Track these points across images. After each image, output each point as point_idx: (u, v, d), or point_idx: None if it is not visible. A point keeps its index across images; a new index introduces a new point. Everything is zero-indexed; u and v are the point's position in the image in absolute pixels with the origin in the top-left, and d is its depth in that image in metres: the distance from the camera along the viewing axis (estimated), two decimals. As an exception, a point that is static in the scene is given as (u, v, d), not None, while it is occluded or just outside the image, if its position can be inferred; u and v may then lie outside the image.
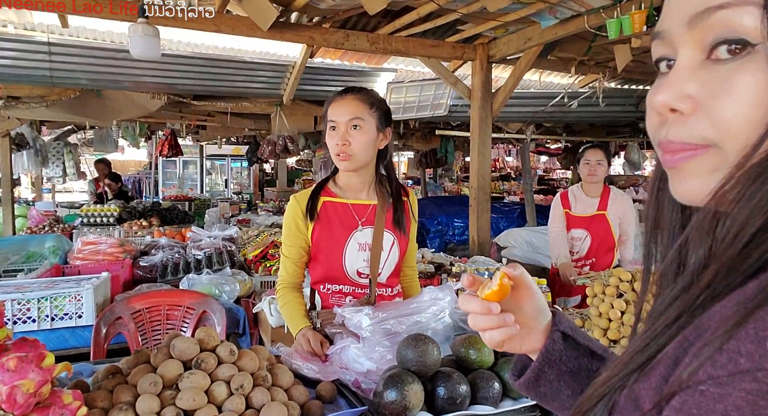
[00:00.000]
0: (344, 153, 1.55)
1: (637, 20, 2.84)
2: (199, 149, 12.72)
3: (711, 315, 0.37)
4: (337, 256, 1.62)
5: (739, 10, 0.37)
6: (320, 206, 1.64)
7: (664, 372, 0.38)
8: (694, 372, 0.34)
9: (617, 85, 5.85)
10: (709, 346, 0.34)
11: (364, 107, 1.58)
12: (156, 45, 2.60)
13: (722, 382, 0.33)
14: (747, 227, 0.37)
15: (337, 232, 1.62)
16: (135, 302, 2.34)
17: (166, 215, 5.42)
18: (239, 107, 5.41)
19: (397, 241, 1.68)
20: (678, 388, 0.35)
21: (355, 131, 1.55)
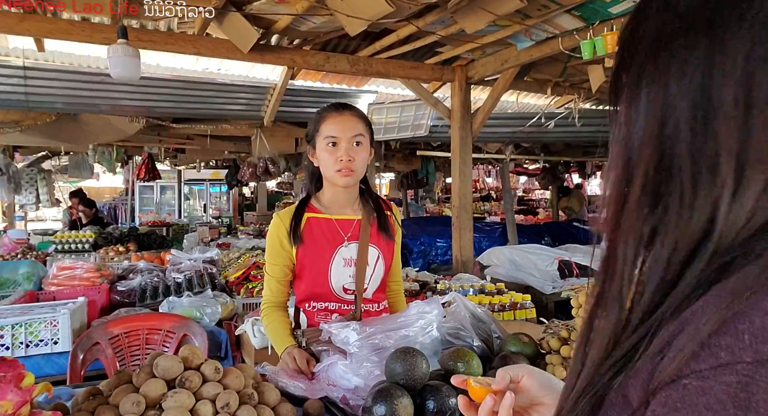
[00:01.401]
0: (348, 169, 1.55)
1: (610, 41, 2.94)
2: (177, 173, 12.59)
3: (693, 311, 0.38)
4: (323, 272, 1.60)
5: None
6: (304, 223, 1.62)
7: (650, 367, 0.38)
8: (677, 366, 0.35)
9: (592, 106, 6.00)
10: (691, 341, 0.35)
11: (363, 124, 1.60)
12: (136, 66, 2.59)
13: (704, 376, 0.33)
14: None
15: (322, 248, 1.61)
16: (113, 327, 2.28)
17: (143, 240, 5.33)
18: (219, 130, 5.40)
19: (383, 255, 1.67)
20: (663, 383, 0.36)
21: (357, 147, 1.56)
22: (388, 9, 2.47)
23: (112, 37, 3.01)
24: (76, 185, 9.93)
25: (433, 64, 4.08)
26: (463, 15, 2.92)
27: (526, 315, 2.60)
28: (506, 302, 2.57)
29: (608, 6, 2.93)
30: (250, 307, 2.89)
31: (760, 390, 0.31)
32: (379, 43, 3.62)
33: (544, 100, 5.66)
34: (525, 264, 4.33)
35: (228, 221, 8.71)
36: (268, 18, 3.20)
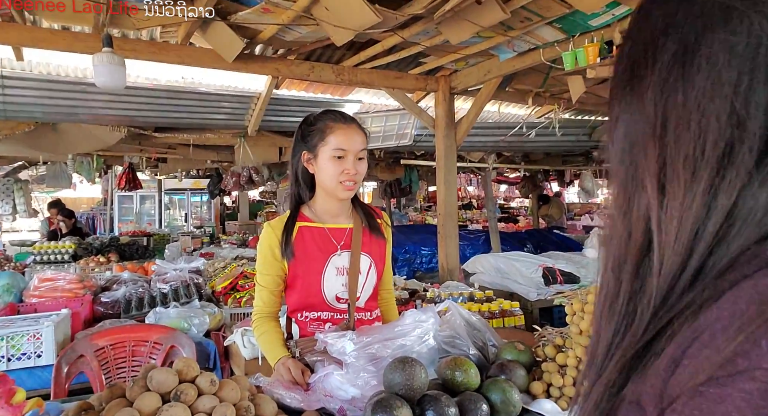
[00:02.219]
0: (353, 181, 1.56)
1: (591, 53, 3.01)
2: (157, 183, 12.41)
3: (707, 316, 0.38)
4: (315, 282, 1.59)
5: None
6: (296, 232, 1.61)
7: (663, 374, 0.38)
8: (693, 373, 0.35)
9: (571, 116, 6.12)
10: (707, 348, 0.35)
11: (365, 138, 1.61)
12: (122, 74, 2.57)
13: (722, 383, 0.33)
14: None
15: (315, 257, 1.60)
16: (98, 339, 2.23)
17: (125, 251, 5.23)
18: (202, 139, 5.35)
19: (374, 263, 1.67)
20: (679, 391, 0.36)
21: (360, 161, 1.58)
22: (375, 19, 2.50)
23: (93, 45, 2.97)
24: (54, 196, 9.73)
25: (417, 75, 4.12)
26: (448, 26, 2.96)
27: (515, 322, 2.62)
28: (495, 309, 2.59)
29: (588, 19, 3.00)
30: (239, 317, 2.86)
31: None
32: (364, 53, 3.65)
33: (525, 110, 5.76)
34: (510, 271, 4.36)
35: (211, 231, 8.60)
36: (253, 28, 3.20)
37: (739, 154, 0.39)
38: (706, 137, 0.40)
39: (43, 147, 5.00)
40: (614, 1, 2.71)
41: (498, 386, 1.32)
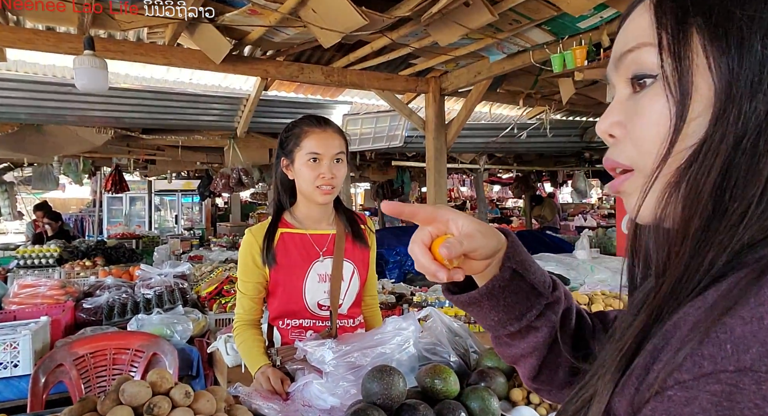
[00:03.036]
0: (330, 186, 1.54)
1: (579, 55, 3.00)
2: (147, 184, 12.31)
3: (675, 323, 0.38)
4: (297, 289, 1.57)
5: (640, 51, 0.46)
6: (278, 238, 1.59)
7: (636, 382, 0.39)
8: (662, 378, 0.35)
9: (562, 117, 6.13)
10: (675, 353, 0.36)
11: (343, 141, 1.59)
12: (103, 77, 2.53)
13: (688, 386, 0.34)
14: (684, 236, 0.42)
15: (296, 264, 1.58)
16: (78, 347, 2.19)
17: (111, 254, 5.17)
18: (191, 141, 5.31)
19: (357, 270, 1.65)
20: (648, 396, 0.36)
21: (338, 164, 1.56)
22: (362, 22, 2.47)
23: (79, 46, 2.93)
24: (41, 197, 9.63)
25: (408, 76, 4.10)
26: (436, 28, 2.95)
27: (502, 326, 2.60)
28: (482, 313, 2.57)
29: (577, 21, 2.99)
30: (223, 323, 2.82)
31: (744, 399, 0.31)
32: (354, 55, 3.63)
33: (516, 112, 5.75)
34: (500, 274, 4.34)
35: (201, 233, 8.53)
36: (241, 29, 3.17)
37: None
38: None
39: (28, 149, 4.94)
40: (602, 4, 2.70)
41: (477, 394, 1.30)
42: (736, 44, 0.40)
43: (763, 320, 0.33)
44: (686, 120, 0.42)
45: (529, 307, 0.62)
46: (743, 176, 0.40)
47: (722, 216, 0.40)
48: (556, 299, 0.64)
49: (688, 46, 0.43)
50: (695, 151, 0.42)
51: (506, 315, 0.63)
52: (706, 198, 0.41)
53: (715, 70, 0.41)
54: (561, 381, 0.68)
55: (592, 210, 13.76)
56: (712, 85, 0.41)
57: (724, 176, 0.40)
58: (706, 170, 0.41)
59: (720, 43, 0.41)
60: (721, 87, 0.41)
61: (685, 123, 0.42)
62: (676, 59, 0.43)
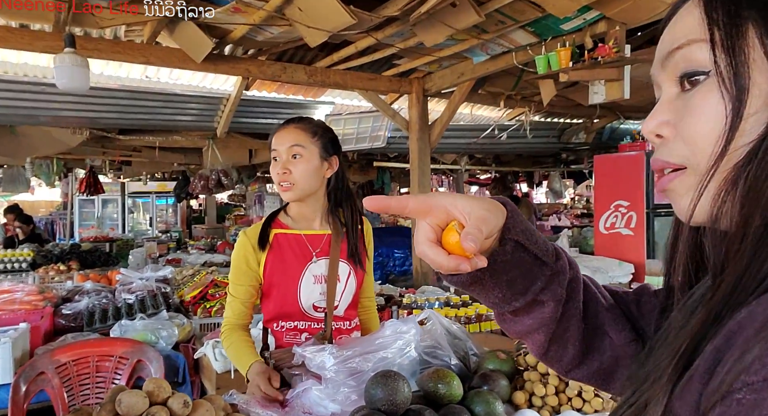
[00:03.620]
0: (286, 182, 1.50)
1: (563, 57, 3.03)
2: (120, 186, 12.02)
3: (740, 323, 0.37)
4: (292, 290, 1.54)
5: (690, 48, 0.45)
6: (272, 239, 1.56)
7: (699, 386, 0.37)
8: (729, 381, 0.34)
9: (541, 118, 6.20)
10: (742, 354, 0.35)
11: (306, 135, 1.54)
12: (85, 76, 2.45)
13: (757, 388, 0.33)
14: (744, 235, 0.41)
15: (291, 265, 1.55)
16: (60, 355, 2.12)
17: (86, 258, 5.03)
18: (169, 141, 5.19)
19: (354, 272, 1.62)
20: (715, 400, 0.35)
21: (295, 159, 1.52)
22: (350, 21, 2.45)
23: (54, 45, 2.83)
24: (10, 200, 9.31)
25: (391, 76, 4.09)
26: (423, 28, 2.94)
27: (491, 327, 2.61)
28: (472, 314, 2.57)
29: (560, 23, 3.03)
30: (209, 328, 2.76)
31: None
32: (337, 55, 3.60)
33: (497, 113, 5.80)
34: (483, 274, 4.37)
35: (177, 236, 8.36)
36: (223, 27, 3.11)
37: None
38: None
39: (1, 151, 4.76)
40: (585, 6, 2.74)
41: (482, 397, 1.29)
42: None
43: None
44: (743, 116, 0.41)
45: (533, 280, 0.58)
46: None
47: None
48: (561, 269, 0.60)
49: (743, 40, 0.42)
50: (754, 147, 0.41)
51: (510, 291, 0.58)
52: (767, 195, 0.40)
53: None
54: (571, 357, 0.65)
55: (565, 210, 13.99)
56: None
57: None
58: (766, 166, 0.40)
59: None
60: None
61: (742, 120, 0.41)
62: (730, 54, 0.42)
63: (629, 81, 3.05)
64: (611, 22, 2.87)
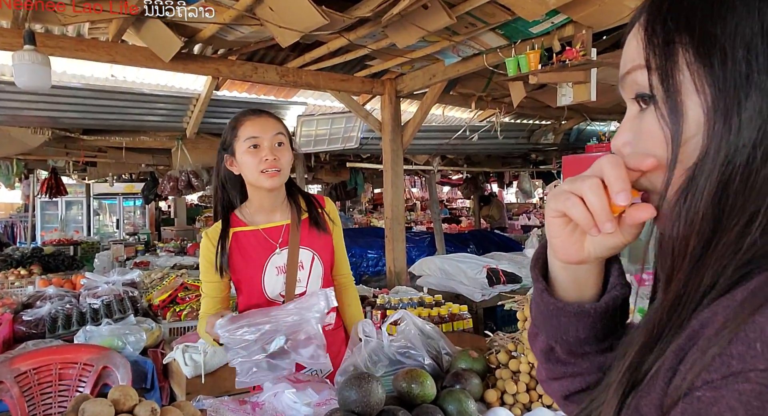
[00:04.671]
0: (274, 168, 1.50)
1: (533, 59, 3.08)
2: (85, 187, 11.67)
3: (702, 322, 0.38)
4: (256, 283, 1.58)
5: (635, 73, 0.46)
6: (231, 238, 1.59)
7: (662, 384, 0.38)
8: (690, 379, 0.35)
9: (511, 120, 6.29)
10: (702, 353, 0.35)
11: (282, 125, 1.59)
12: (46, 74, 2.37)
13: (716, 386, 0.33)
14: (684, 254, 0.42)
15: (252, 260, 1.58)
16: (19, 363, 2.04)
17: (49, 262, 4.87)
18: (136, 142, 5.07)
19: (318, 255, 1.63)
20: (677, 397, 0.36)
21: (280, 147, 1.54)
22: (322, 21, 2.44)
23: (13, 41, 2.73)
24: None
25: (364, 77, 4.08)
26: (395, 30, 2.95)
27: (464, 326, 2.64)
28: (445, 313, 2.59)
29: (529, 26, 3.08)
30: (179, 332, 2.70)
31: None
32: (309, 55, 3.57)
33: (468, 114, 5.85)
34: (455, 273, 4.41)
35: (146, 238, 8.16)
36: (192, 26, 3.05)
37: None
38: None
39: (-47, 151, 4.56)
40: (553, 10, 2.79)
41: (454, 396, 1.30)
42: (720, 60, 0.40)
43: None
44: (681, 142, 0.42)
45: (615, 326, 0.54)
46: (741, 193, 0.39)
47: (721, 234, 0.40)
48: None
49: (676, 66, 0.42)
50: (691, 171, 0.42)
51: (593, 333, 0.53)
52: (701, 217, 0.40)
53: (700, 88, 0.41)
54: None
55: (534, 209, 14.23)
56: (699, 103, 0.41)
57: (721, 194, 0.40)
58: (701, 189, 0.41)
59: (703, 60, 0.41)
60: (709, 105, 0.41)
61: (680, 146, 0.42)
62: (665, 81, 0.43)
63: (596, 84, 3.12)
64: (578, 26, 2.93)
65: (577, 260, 0.50)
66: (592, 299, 0.55)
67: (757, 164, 0.39)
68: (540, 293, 0.55)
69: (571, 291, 0.54)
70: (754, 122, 0.39)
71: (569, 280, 0.54)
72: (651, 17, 0.45)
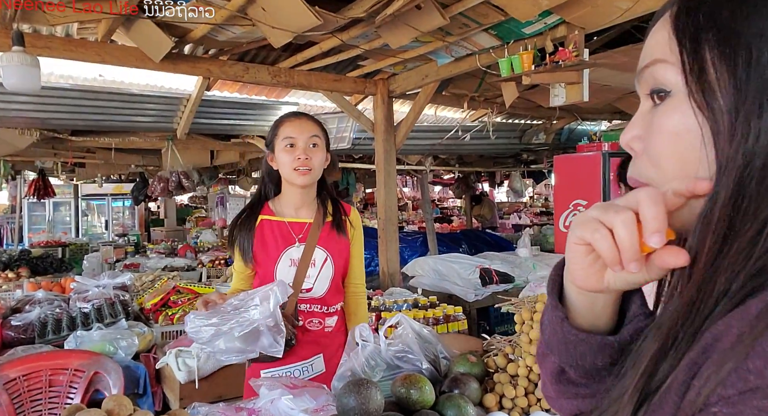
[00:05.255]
0: (306, 167, 1.63)
1: (526, 60, 3.08)
2: (73, 188, 11.53)
3: (716, 336, 0.37)
4: (270, 271, 1.67)
5: (656, 67, 0.46)
6: (258, 224, 1.71)
7: (675, 398, 0.37)
8: (705, 394, 0.34)
9: (503, 120, 6.30)
10: (718, 367, 0.35)
11: (319, 128, 1.71)
12: (35, 76, 2.33)
13: (733, 401, 0.33)
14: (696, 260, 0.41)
15: (271, 248, 1.68)
16: (8, 370, 2.01)
17: (37, 265, 4.81)
18: (126, 143, 5.01)
19: (332, 257, 1.71)
20: (692, 413, 0.35)
21: (314, 148, 1.66)
22: (316, 22, 2.42)
23: (1, 43, 2.68)
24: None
25: (356, 78, 4.06)
26: (388, 30, 2.93)
27: (459, 327, 2.63)
28: (440, 315, 2.58)
29: (522, 26, 3.08)
30: (171, 336, 2.67)
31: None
32: (301, 55, 3.55)
33: (461, 114, 5.86)
34: (448, 273, 4.41)
35: (135, 239, 8.08)
36: (183, 26, 3.02)
37: None
38: None
39: (-62, 152, 4.48)
40: (546, 11, 2.79)
41: (453, 402, 1.30)
42: (744, 61, 0.40)
43: None
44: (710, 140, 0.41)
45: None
46: (755, 198, 0.39)
47: (735, 237, 0.39)
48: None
49: (700, 64, 0.42)
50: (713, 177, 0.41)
51: (611, 361, 0.52)
52: (715, 221, 0.40)
53: (724, 88, 0.41)
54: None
55: (525, 209, 14.30)
56: (722, 103, 0.41)
57: (736, 198, 0.39)
58: (716, 192, 0.40)
59: (728, 60, 0.41)
60: (731, 105, 0.40)
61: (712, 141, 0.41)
62: (689, 79, 0.42)
63: (588, 84, 3.13)
64: (570, 27, 2.93)
65: (596, 290, 0.48)
66: (608, 325, 0.53)
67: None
68: (560, 321, 0.53)
69: (586, 317, 0.52)
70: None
71: (585, 306, 0.52)
72: (679, 12, 0.44)
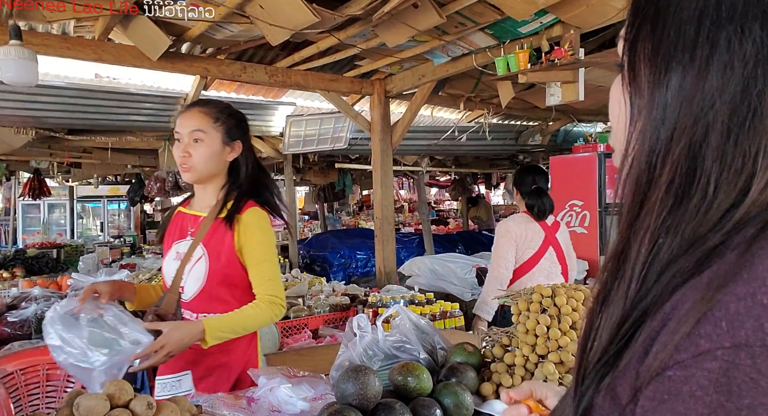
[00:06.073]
0: (185, 165, 1.58)
1: (522, 59, 3.11)
2: (68, 190, 11.49)
3: (673, 305, 0.39)
4: (162, 263, 1.68)
5: (619, 42, 0.47)
6: (174, 215, 1.72)
7: (636, 365, 0.39)
8: (662, 359, 0.36)
9: (499, 121, 6.33)
10: (673, 334, 0.36)
11: (208, 120, 1.59)
12: (33, 70, 2.33)
13: (686, 365, 0.35)
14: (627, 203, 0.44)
15: (167, 240, 1.69)
16: (5, 364, 2.00)
17: (32, 265, 4.79)
18: (122, 142, 5.01)
19: (207, 257, 1.55)
20: (649, 378, 0.37)
21: (196, 144, 1.57)
22: (313, 19, 2.44)
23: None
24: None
25: (353, 77, 4.08)
26: (385, 29, 2.96)
27: (455, 323, 2.64)
28: (436, 311, 2.60)
29: (518, 26, 3.11)
30: (168, 332, 2.66)
31: (740, 374, 0.32)
32: (298, 55, 3.56)
33: (457, 115, 5.88)
34: (445, 273, 4.42)
35: (132, 240, 8.06)
36: (181, 24, 3.03)
37: None
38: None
39: (-67, 151, 4.47)
40: (542, 10, 2.82)
41: (450, 390, 1.31)
42: (664, 34, 0.41)
43: (756, 295, 0.34)
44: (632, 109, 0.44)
45: None
46: (660, 165, 0.41)
47: (648, 197, 0.42)
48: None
49: (636, 37, 0.44)
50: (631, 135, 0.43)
51: None
52: (635, 180, 0.43)
53: (648, 60, 0.42)
54: None
55: (521, 210, 14.24)
56: (646, 74, 0.43)
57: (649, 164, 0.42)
58: (636, 156, 0.43)
59: (651, 33, 0.42)
60: (649, 77, 0.42)
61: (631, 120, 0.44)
62: (626, 51, 0.44)
63: (583, 83, 3.16)
64: (566, 26, 2.96)
65: None
66: None
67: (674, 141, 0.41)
68: None
69: None
70: (678, 98, 0.40)
71: None
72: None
